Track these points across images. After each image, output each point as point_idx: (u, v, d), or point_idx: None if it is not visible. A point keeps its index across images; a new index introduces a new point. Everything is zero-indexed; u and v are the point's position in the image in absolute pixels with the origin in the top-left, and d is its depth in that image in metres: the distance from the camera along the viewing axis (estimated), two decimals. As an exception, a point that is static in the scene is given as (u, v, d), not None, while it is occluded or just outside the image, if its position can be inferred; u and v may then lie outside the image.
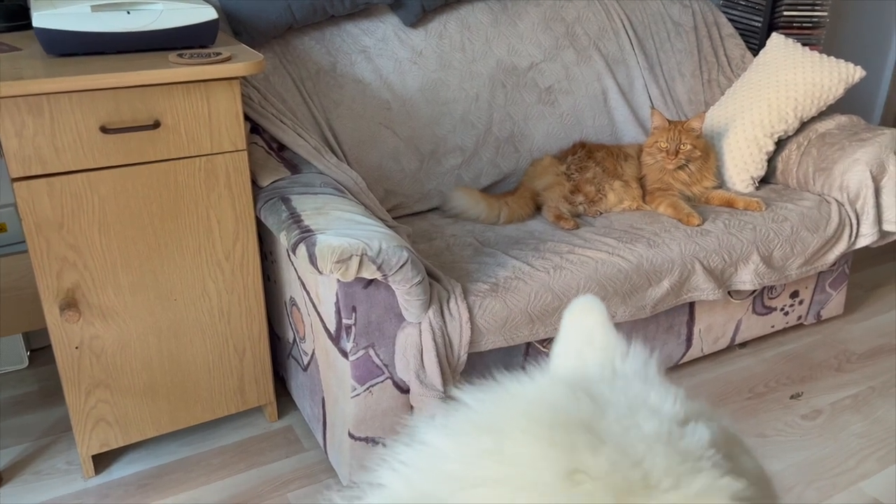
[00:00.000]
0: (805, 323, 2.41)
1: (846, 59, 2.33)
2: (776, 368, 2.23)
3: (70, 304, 1.59)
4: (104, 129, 1.51)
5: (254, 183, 1.77)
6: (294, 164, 1.86)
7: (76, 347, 1.64)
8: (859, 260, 2.88)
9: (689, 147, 2.17)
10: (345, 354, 1.61)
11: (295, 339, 1.90)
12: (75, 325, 1.62)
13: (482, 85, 2.30)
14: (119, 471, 1.82)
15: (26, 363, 2.22)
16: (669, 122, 2.21)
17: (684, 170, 2.20)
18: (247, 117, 1.86)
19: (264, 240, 1.90)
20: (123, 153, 1.55)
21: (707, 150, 2.26)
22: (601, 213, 2.19)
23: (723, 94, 2.57)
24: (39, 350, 2.28)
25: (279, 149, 1.92)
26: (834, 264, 2.29)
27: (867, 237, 2.20)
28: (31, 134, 1.46)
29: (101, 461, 1.83)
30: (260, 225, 1.78)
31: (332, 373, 1.70)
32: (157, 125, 1.56)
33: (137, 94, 1.53)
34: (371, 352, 1.61)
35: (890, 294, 2.66)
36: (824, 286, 2.35)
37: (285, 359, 2.02)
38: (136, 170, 1.58)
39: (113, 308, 1.65)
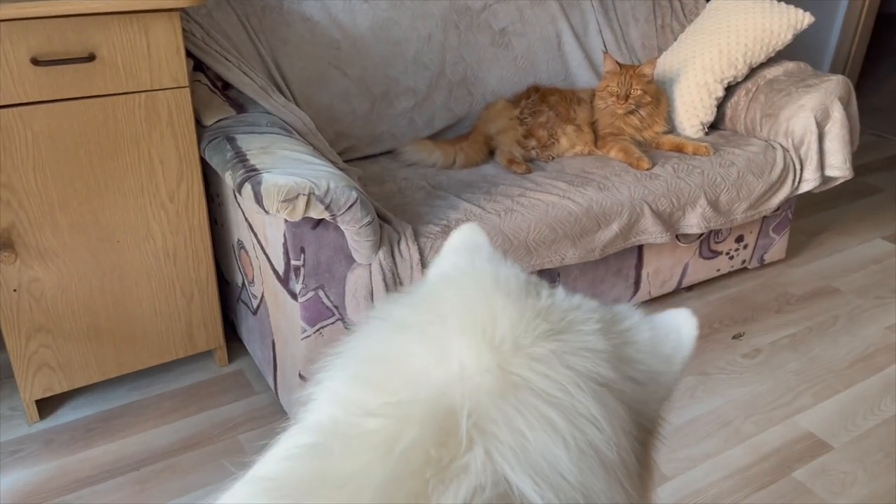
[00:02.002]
0: (749, 267, 2.47)
1: (796, 6, 2.34)
2: (720, 310, 2.29)
3: (6, 244, 1.54)
4: (35, 61, 1.44)
5: (198, 122, 1.72)
6: (240, 104, 1.81)
7: (14, 290, 1.60)
8: (802, 206, 2.96)
9: (639, 92, 2.17)
10: (294, 296, 1.59)
11: (244, 283, 1.88)
12: (12, 266, 1.57)
13: (434, 25, 2.25)
14: (65, 416, 1.79)
15: (-36, 310, 2.15)
16: (621, 66, 2.21)
17: (635, 115, 2.21)
18: (190, 54, 1.80)
19: (211, 182, 1.86)
20: (57, 87, 1.49)
21: (658, 96, 2.27)
22: (553, 158, 2.19)
23: (675, 39, 2.57)
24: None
25: (224, 87, 1.86)
26: (777, 209, 2.35)
27: (810, 182, 2.25)
28: (-44, 65, 1.39)
29: (46, 406, 1.80)
30: (206, 167, 1.74)
31: (281, 315, 1.69)
32: (92, 58, 1.49)
33: (71, 25, 1.45)
34: (321, 293, 1.60)
35: (830, 239, 2.74)
36: (768, 231, 2.41)
37: (235, 303, 2.00)
38: (72, 105, 1.51)
39: (52, 249, 1.60)
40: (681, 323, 0.61)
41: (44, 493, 1.57)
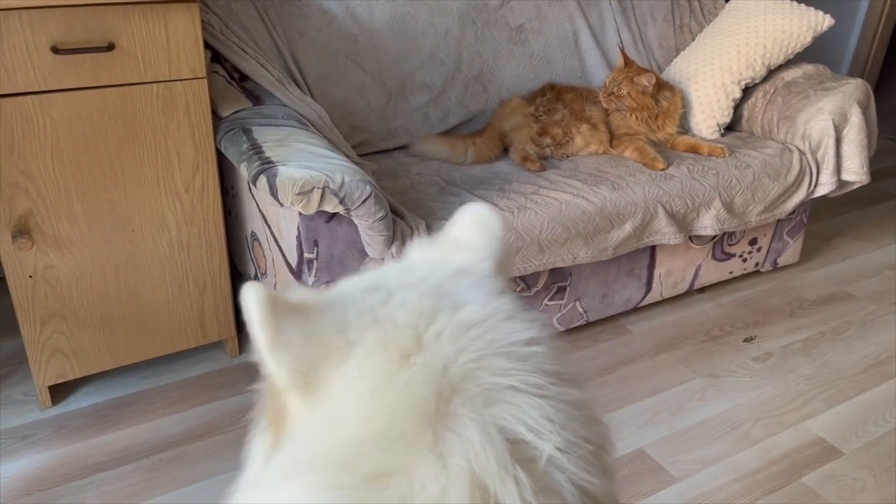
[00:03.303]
0: (762, 270, 2.46)
1: (816, 8, 2.32)
2: (731, 313, 2.28)
3: (22, 231, 1.55)
4: (56, 50, 1.45)
5: (214, 113, 1.73)
6: (256, 96, 1.82)
7: (30, 276, 1.61)
8: (817, 210, 2.94)
9: (624, 93, 2.17)
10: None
11: (256, 275, 1.88)
12: (28, 253, 1.59)
13: (452, 21, 2.25)
14: (77, 402, 1.80)
15: (-21, 295, 2.17)
16: (626, 65, 2.21)
17: (634, 116, 2.20)
18: (207, 45, 1.80)
19: (226, 174, 1.87)
20: (76, 76, 1.49)
21: (672, 97, 2.26)
22: (568, 156, 2.18)
23: (693, 39, 2.55)
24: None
25: (241, 79, 1.87)
26: (792, 212, 2.33)
27: (826, 186, 2.23)
28: (-23, 52, 1.40)
29: (59, 392, 1.82)
30: (221, 158, 1.74)
31: (293, 307, 1.69)
32: (111, 47, 1.50)
33: (91, 14, 1.46)
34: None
35: (844, 244, 2.72)
36: (782, 234, 2.40)
37: (247, 294, 2.00)
38: (91, 94, 1.52)
39: (68, 237, 1.61)
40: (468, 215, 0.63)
41: (56, 478, 1.58)
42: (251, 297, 0.49)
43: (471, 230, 0.65)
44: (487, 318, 0.53)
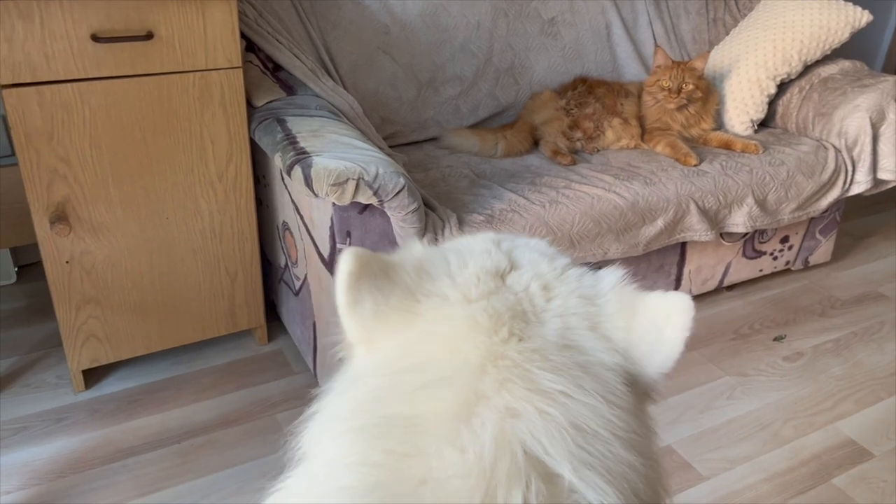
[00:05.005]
0: (793, 268, 2.43)
1: (853, 3, 2.28)
2: (761, 311, 2.26)
3: (60, 217, 1.57)
4: (95, 38, 1.46)
5: (248, 103, 1.74)
6: (290, 86, 1.82)
7: (66, 262, 1.63)
8: (851, 209, 2.89)
9: (691, 87, 2.14)
10: (338, 279, 1.60)
11: (287, 264, 1.90)
12: (65, 238, 1.61)
13: (484, 13, 2.24)
14: (109, 386, 1.83)
15: (14, 279, 2.21)
16: (672, 60, 2.18)
17: (683, 111, 2.18)
18: (242, 35, 1.81)
19: (257, 163, 1.88)
20: (115, 64, 1.51)
21: (708, 92, 2.23)
22: (598, 151, 2.17)
23: (728, 33, 2.52)
24: (28, 266, 2.27)
25: (275, 69, 1.87)
26: (826, 211, 2.30)
27: (861, 184, 2.20)
28: (21, 39, 1.41)
29: (92, 376, 1.85)
30: (253, 148, 1.75)
31: (324, 298, 1.70)
32: (150, 36, 1.51)
33: (130, 2, 1.47)
34: (364, 277, 1.60)
35: (878, 244, 2.68)
36: (814, 233, 2.37)
37: (276, 283, 2.02)
38: (129, 82, 1.54)
39: (104, 223, 1.63)
40: (665, 317, 0.53)
41: (89, 461, 1.61)
42: (342, 262, 0.55)
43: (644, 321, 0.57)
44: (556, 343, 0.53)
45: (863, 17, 2.26)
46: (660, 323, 0.54)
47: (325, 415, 0.55)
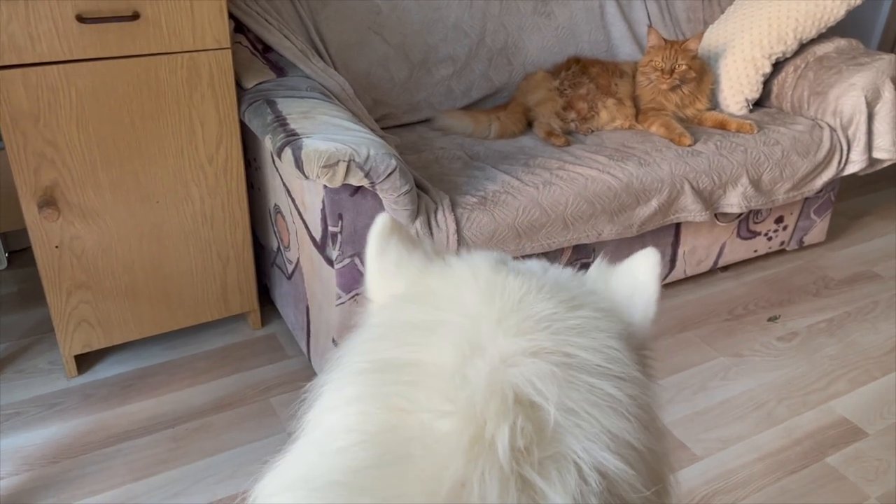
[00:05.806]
0: (787, 249, 2.43)
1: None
2: (756, 292, 2.26)
3: (49, 201, 1.55)
4: (81, 19, 1.44)
5: (238, 85, 1.72)
6: (280, 67, 1.80)
7: (56, 247, 1.62)
8: (845, 189, 2.89)
9: (684, 67, 2.12)
10: (330, 262, 1.60)
11: (279, 248, 1.88)
12: (54, 223, 1.59)
13: (476, -8, 2.21)
14: (102, 371, 1.82)
15: (5, 265, 2.19)
16: (666, 41, 2.16)
17: (677, 92, 2.16)
18: (231, 15, 1.79)
19: (248, 146, 1.86)
20: (101, 45, 1.48)
21: (702, 72, 2.22)
22: (593, 131, 2.15)
23: (723, 11, 2.50)
24: (19, 252, 2.25)
25: (264, 50, 1.85)
26: (820, 190, 2.29)
27: (856, 164, 2.19)
28: (5, 20, 1.39)
29: (84, 362, 1.84)
30: (244, 131, 1.73)
31: (316, 281, 1.69)
32: (136, 16, 1.48)
33: (115, -17, 1.45)
34: (357, 260, 1.60)
35: (872, 223, 2.68)
36: (809, 213, 2.36)
37: (269, 267, 2.01)
38: (115, 64, 1.51)
39: (93, 208, 1.62)
40: (636, 267, 0.59)
41: (82, 446, 1.60)
42: (378, 220, 0.63)
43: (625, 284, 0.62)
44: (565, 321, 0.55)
45: (859, -6, 2.23)
46: (633, 270, 0.60)
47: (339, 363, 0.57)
